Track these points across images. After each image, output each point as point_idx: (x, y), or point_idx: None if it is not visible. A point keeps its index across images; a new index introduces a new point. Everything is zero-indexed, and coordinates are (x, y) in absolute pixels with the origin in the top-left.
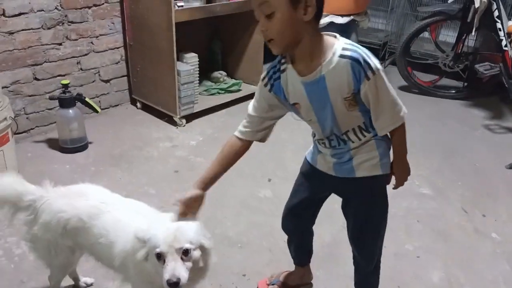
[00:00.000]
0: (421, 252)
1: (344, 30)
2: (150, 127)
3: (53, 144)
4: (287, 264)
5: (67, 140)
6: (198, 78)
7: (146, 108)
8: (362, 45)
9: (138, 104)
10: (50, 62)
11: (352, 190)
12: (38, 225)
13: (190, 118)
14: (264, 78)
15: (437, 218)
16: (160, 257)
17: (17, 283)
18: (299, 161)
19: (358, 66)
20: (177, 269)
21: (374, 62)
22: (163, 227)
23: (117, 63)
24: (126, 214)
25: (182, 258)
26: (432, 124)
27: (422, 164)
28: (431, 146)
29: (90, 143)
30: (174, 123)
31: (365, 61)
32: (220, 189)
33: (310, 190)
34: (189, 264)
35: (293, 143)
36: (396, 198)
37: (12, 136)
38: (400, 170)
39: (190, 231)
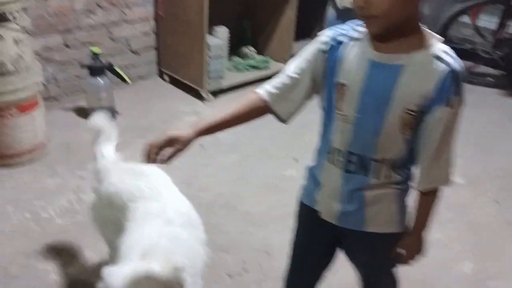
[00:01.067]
0: (451, 242)
1: None
2: (177, 100)
3: (82, 112)
4: None
5: (96, 109)
6: (227, 53)
7: (173, 81)
8: None
9: (166, 77)
10: (81, 30)
11: (357, 243)
12: (96, 193)
13: (217, 93)
14: (325, 36)
15: (469, 208)
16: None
17: (43, 245)
18: None
19: (452, 80)
20: None
21: (464, 91)
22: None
23: (147, 34)
24: (150, 219)
25: None
26: (468, 113)
27: (456, 153)
28: (466, 134)
29: (118, 113)
30: (201, 97)
31: (460, 81)
32: (245, 166)
33: (309, 246)
34: None
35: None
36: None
37: (42, 102)
38: (412, 245)
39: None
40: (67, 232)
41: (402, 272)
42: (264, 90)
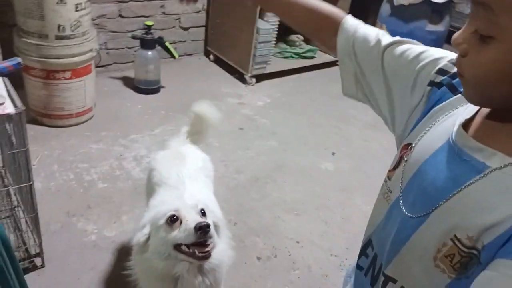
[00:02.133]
0: None
1: (438, 11)
2: (220, 81)
3: (128, 82)
4: (342, 239)
5: (142, 81)
6: (275, 39)
7: (218, 61)
8: (453, 32)
9: (211, 57)
10: (136, 1)
11: None
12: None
13: (260, 78)
14: (444, 60)
15: None
16: (176, 219)
17: (84, 207)
18: (365, 138)
19: None
20: (198, 218)
21: None
22: (169, 196)
23: (198, 12)
24: (174, 197)
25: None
26: None
27: None
28: None
29: (163, 87)
30: (243, 80)
31: None
32: (283, 153)
33: None
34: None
35: (361, 121)
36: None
37: (94, 68)
38: None
39: (200, 195)
40: (108, 196)
41: None
42: (348, 22)
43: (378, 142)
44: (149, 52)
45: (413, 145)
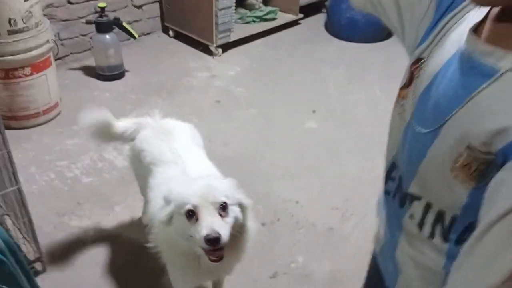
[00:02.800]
0: None
1: None
2: (185, 56)
3: (90, 71)
4: (339, 192)
5: (104, 67)
6: (235, 4)
7: (179, 36)
8: None
9: (171, 33)
10: None
11: None
12: (130, 147)
13: (226, 47)
14: None
15: None
16: (192, 214)
17: (73, 204)
18: (342, 92)
19: None
20: (216, 224)
21: None
22: (192, 183)
23: None
24: (179, 172)
25: (220, 214)
26: None
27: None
28: None
29: (127, 71)
30: (209, 52)
31: None
32: (265, 120)
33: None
34: (229, 220)
35: (335, 75)
36: None
37: (54, 60)
38: None
39: (224, 185)
40: (95, 189)
41: None
42: None
43: (356, 93)
44: (107, 36)
45: (424, 59)
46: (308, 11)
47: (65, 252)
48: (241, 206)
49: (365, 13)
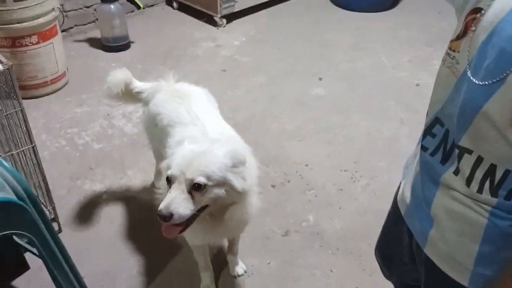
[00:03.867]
0: None
1: None
2: (190, 27)
3: (95, 43)
4: (348, 155)
5: (110, 38)
6: None
7: (182, 8)
8: None
9: (174, 4)
10: None
11: (420, 266)
12: (144, 112)
13: (230, 18)
14: None
15: None
16: (169, 182)
17: (85, 169)
18: (349, 59)
19: None
20: (175, 201)
21: None
22: (185, 150)
23: None
24: (197, 137)
25: (190, 192)
26: None
27: None
28: None
29: (132, 42)
30: (213, 23)
31: None
32: (273, 86)
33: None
34: (200, 200)
35: (341, 43)
36: None
37: (60, 29)
38: None
39: (214, 164)
40: (106, 155)
41: None
42: None
43: (362, 61)
44: (112, 6)
45: (484, 10)
46: None
47: (79, 213)
48: (231, 186)
49: None
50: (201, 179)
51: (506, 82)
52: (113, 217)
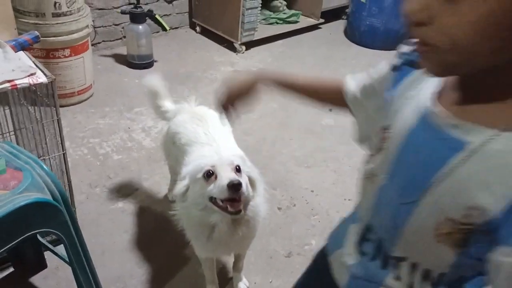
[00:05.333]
0: None
1: None
2: (210, 51)
3: (120, 59)
4: (353, 185)
5: (135, 56)
6: (261, 4)
7: (205, 32)
8: None
9: (198, 28)
10: None
11: None
12: (164, 129)
13: (249, 45)
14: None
15: None
16: (211, 174)
17: (104, 178)
18: None
19: None
20: (234, 175)
21: None
22: (204, 156)
23: None
24: (213, 152)
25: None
26: None
27: None
28: None
29: (156, 61)
30: (233, 49)
31: None
32: (285, 114)
33: None
34: (246, 178)
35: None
36: None
37: (90, 45)
38: None
39: (236, 155)
40: (125, 166)
41: None
42: (350, 79)
43: None
44: (140, 26)
45: (390, 127)
46: (329, 16)
47: (96, 219)
48: (250, 178)
49: (384, 21)
50: (238, 160)
51: (420, 203)
52: (127, 225)
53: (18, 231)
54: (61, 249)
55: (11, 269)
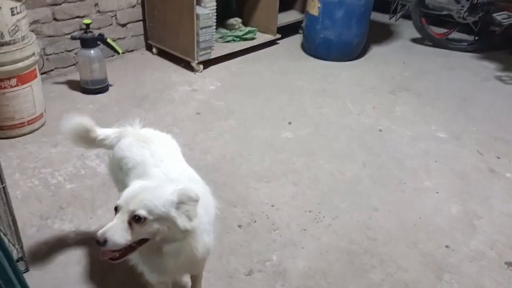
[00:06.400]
0: (440, 189)
1: None
2: (167, 72)
3: (74, 85)
4: (312, 196)
5: (89, 81)
6: (215, 23)
7: (161, 53)
8: None
9: (154, 50)
10: (69, 2)
11: None
12: (109, 156)
13: (206, 64)
14: None
15: (454, 159)
16: (116, 212)
17: (56, 208)
18: (317, 105)
19: None
20: (112, 230)
21: None
22: (136, 184)
23: (133, 6)
24: (159, 177)
25: (130, 223)
26: (446, 74)
27: (437, 110)
28: (445, 94)
29: (111, 85)
30: (191, 68)
31: None
32: (243, 129)
33: None
34: (139, 232)
35: (309, 90)
36: (415, 140)
37: (39, 73)
38: None
39: (158, 199)
40: (78, 195)
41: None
42: None
43: (329, 106)
44: (92, 51)
45: None
46: (285, 31)
47: (47, 252)
48: (174, 224)
49: (337, 33)
50: (141, 212)
51: None
52: (80, 257)
53: None
54: None
55: None
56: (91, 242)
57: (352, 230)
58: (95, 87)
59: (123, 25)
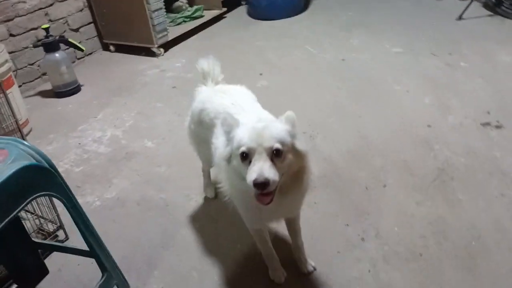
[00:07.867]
0: (409, 88)
1: None
2: (132, 63)
3: (46, 93)
4: (301, 122)
5: (60, 85)
6: (164, 5)
7: (120, 49)
8: None
9: (112, 48)
10: (20, 16)
11: None
12: (189, 119)
13: (166, 47)
14: None
15: (414, 64)
16: (246, 157)
17: (73, 188)
18: (281, 55)
19: None
20: (266, 168)
21: None
22: (248, 125)
23: (81, 10)
24: (249, 120)
25: (272, 160)
26: (387, 6)
27: (386, 33)
28: (390, 22)
29: (82, 85)
30: (152, 54)
31: None
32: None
33: None
34: (280, 167)
35: (271, 45)
36: (375, 59)
37: (15, 79)
38: None
39: (282, 131)
40: (89, 173)
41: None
42: None
43: (291, 55)
44: (57, 54)
45: None
46: (229, 6)
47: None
48: (296, 151)
49: None
50: (278, 145)
51: None
52: (115, 217)
53: (20, 195)
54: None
55: (14, 286)
56: (118, 205)
57: (345, 135)
58: (67, 89)
59: (76, 30)
